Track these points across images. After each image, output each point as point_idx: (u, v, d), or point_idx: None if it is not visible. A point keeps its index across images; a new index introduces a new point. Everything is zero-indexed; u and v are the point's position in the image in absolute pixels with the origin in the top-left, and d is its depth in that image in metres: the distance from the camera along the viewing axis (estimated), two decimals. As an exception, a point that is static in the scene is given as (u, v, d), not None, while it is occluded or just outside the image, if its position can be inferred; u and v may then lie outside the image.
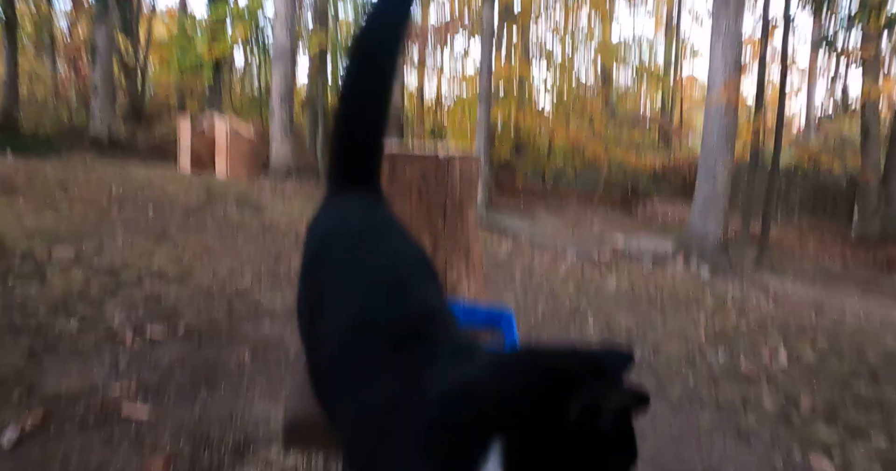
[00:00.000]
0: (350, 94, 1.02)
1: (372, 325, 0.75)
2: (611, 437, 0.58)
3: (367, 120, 1.01)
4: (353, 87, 1.01)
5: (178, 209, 6.33)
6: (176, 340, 2.94)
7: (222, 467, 1.95)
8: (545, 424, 0.56)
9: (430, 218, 1.74)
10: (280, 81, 11.15)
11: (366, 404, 0.69)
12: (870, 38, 9.70)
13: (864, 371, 3.64)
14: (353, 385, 0.73)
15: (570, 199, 14.23)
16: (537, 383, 0.58)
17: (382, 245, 0.89)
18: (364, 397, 0.70)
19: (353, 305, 0.79)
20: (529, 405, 0.57)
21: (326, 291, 0.83)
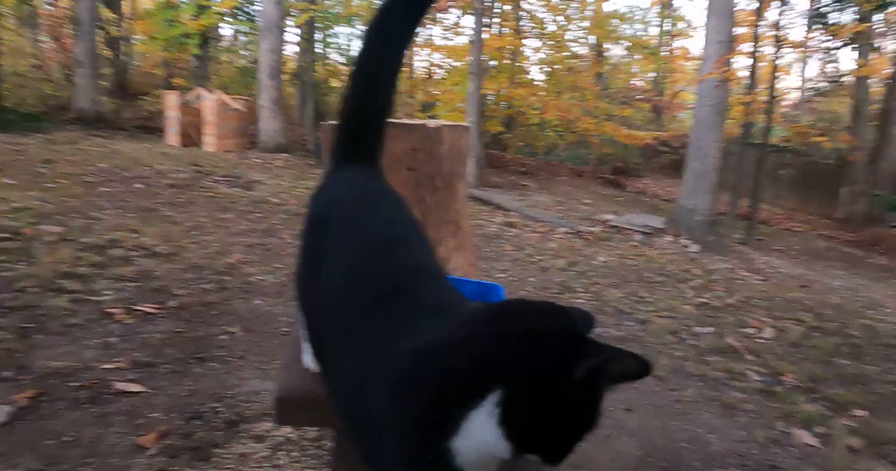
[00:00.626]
0: (360, 77, 1.06)
1: (361, 281, 0.79)
2: (591, 400, 0.61)
3: (375, 102, 1.07)
4: (364, 72, 1.06)
5: (167, 185, 6.27)
6: (167, 316, 2.94)
7: (215, 441, 1.97)
8: (548, 380, 0.58)
9: (419, 192, 1.73)
10: (268, 54, 10.96)
11: (348, 356, 0.73)
12: (863, 16, 9.65)
13: (846, 347, 3.71)
14: (340, 339, 0.76)
15: (561, 174, 14.22)
16: (540, 340, 0.61)
17: (379, 210, 0.94)
18: (347, 350, 0.74)
19: (347, 264, 0.83)
20: (535, 361, 0.59)
21: (326, 253, 0.88)
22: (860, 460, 2.33)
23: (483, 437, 0.59)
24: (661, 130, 17.10)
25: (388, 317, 0.73)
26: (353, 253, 0.84)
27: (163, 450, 1.88)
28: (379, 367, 0.68)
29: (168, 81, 15.40)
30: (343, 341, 0.76)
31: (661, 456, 2.25)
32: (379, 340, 0.70)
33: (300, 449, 2.00)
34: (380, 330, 0.72)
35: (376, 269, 0.81)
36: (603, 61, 16.67)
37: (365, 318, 0.75)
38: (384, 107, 1.08)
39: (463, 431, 0.60)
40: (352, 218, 0.92)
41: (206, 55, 14.49)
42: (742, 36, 7.99)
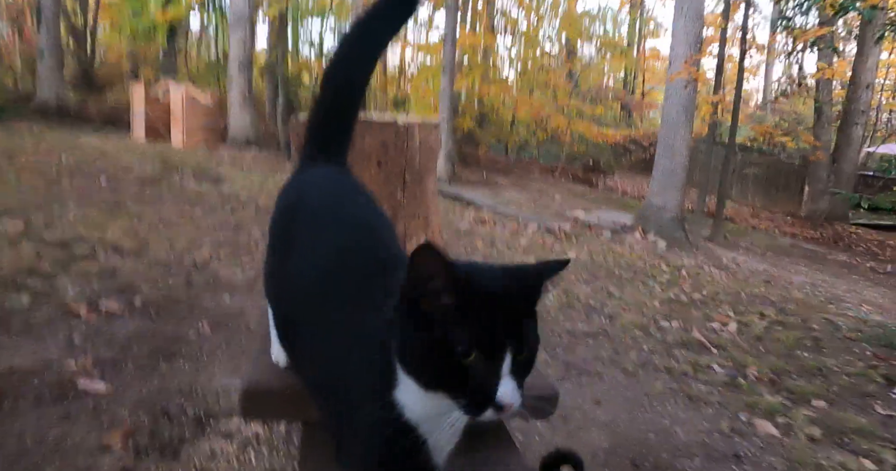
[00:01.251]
0: (332, 82, 1.11)
1: (333, 267, 0.84)
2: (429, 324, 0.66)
3: (345, 105, 1.12)
4: (336, 77, 1.11)
5: (133, 180, 6.14)
6: (133, 313, 2.89)
7: (183, 439, 1.95)
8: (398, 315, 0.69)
9: (390, 187, 1.74)
10: (238, 47, 10.80)
11: (334, 332, 0.79)
12: (825, 21, 9.91)
13: (808, 341, 3.83)
14: (322, 317, 0.81)
15: (533, 171, 14.32)
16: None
17: (347, 202, 0.99)
18: (332, 327, 0.79)
19: (318, 252, 0.88)
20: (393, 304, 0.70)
21: (295, 243, 0.92)
22: (820, 448, 2.40)
23: (408, 382, 0.65)
24: (631, 128, 17.34)
25: (357, 298, 0.78)
26: (323, 242, 0.89)
27: (129, 448, 1.85)
28: (347, 340, 0.75)
29: (135, 74, 15.05)
30: (314, 322, 0.82)
31: (630, 447, 2.29)
32: (348, 318, 0.77)
33: (270, 446, 1.98)
34: (349, 309, 0.78)
35: (346, 255, 0.86)
36: (574, 60, 16.83)
37: (336, 299, 0.80)
38: (353, 110, 1.13)
39: (400, 382, 0.67)
40: (321, 210, 0.95)
41: (174, 47, 14.21)
42: (710, 37, 8.15)
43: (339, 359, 0.76)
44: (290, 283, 0.90)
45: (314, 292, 0.84)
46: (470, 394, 0.61)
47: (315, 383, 0.84)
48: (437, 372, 0.62)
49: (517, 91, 14.03)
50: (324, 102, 1.11)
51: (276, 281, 0.96)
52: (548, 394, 1.08)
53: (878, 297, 6.30)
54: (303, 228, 0.93)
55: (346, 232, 0.90)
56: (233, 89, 10.86)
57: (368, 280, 0.79)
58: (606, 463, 2.16)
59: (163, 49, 13.90)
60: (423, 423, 0.68)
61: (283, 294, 0.93)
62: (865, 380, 3.20)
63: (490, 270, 0.68)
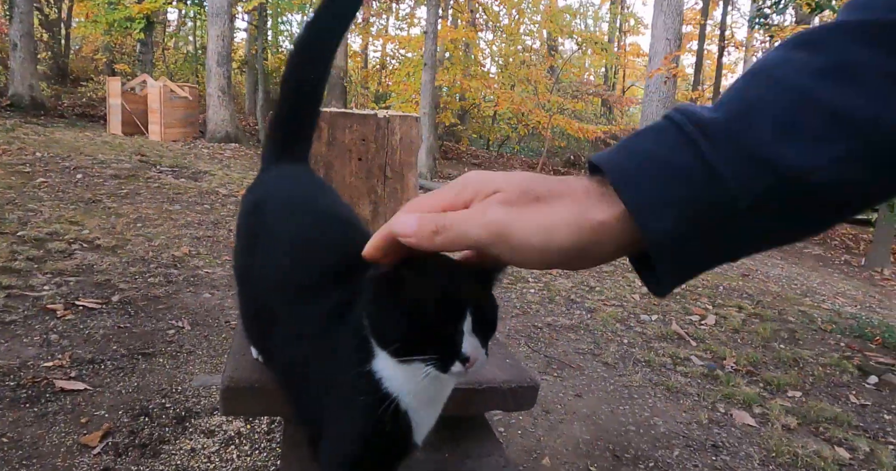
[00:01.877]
0: (289, 82, 1.15)
1: (313, 254, 0.88)
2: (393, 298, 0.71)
3: (304, 104, 1.16)
4: (293, 77, 1.14)
5: (110, 175, 6.04)
6: (111, 311, 2.85)
7: (163, 437, 1.93)
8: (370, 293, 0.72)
9: (370, 182, 1.73)
10: (217, 40, 10.66)
11: (309, 318, 0.82)
12: (802, 18, 10.05)
13: (784, 333, 3.90)
14: (296, 304, 0.84)
15: (514, 166, 14.37)
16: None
17: (313, 197, 1.03)
18: (307, 312, 0.82)
19: (295, 239, 0.91)
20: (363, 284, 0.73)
21: (266, 232, 0.95)
22: (795, 437, 2.46)
23: (384, 354, 0.70)
24: (611, 124, 17.46)
25: (329, 282, 0.82)
26: (293, 234, 0.92)
27: (108, 448, 1.83)
28: (323, 324, 0.79)
29: (110, 67, 14.79)
30: (288, 312, 0.85)
31: (610, 439, 2.32)
32: (322, 302, 0.81)
33: (251, 443, 1.98)
34: (322, 294, 0.81)
35: (316, 244, 0.90)
36: (555, 55, 16.89)
37: (308, 285, 0.84)
38: (312, 109, 1.18)
39: (376, 354, 0.72)
40: (288, 203, 0.99)
41: (150, 40, 13.97)
42: (689, 34, 8.23)
43: (316, 343, 0.80)
44: (261, 277, 0.93)
45: (287, 282, 0.87)
46: (438, 352, 0.67)
47: (291, 373, 0.87)
48: (405, 339, 0.67)
49: (498, 86, 14.04)
50: (284, 104, 1.15)
51: (246, 276, 0.98)
52: (528, 385, 1.09)
53: (852, 289, 6.44)
54: (271, 222, 0.96)
55: (314, 222, 0.94)
56: (211, 83, 10.71)
57: (339, 265, 0.83)
58: (588, 454, 2.19)
59: (139, 42, 13.65)
60: (401, 393, 0.74)
61: (254, 290, 0.95)
62: (839, 370, 3.27)
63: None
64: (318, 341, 0.80)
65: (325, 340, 0.79)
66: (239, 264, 1.02)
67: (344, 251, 0.85)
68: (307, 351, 0.81)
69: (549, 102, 13.12)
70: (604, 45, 17.86)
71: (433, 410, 0.80)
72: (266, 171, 1.16)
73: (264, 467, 1.85)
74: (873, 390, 3.09)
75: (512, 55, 15.05)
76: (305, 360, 0.82)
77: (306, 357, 0.82)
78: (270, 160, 1.16)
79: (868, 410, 2.83)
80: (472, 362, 0.66)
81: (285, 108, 1.15)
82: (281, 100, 1.16)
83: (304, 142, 1.19)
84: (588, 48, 16.58)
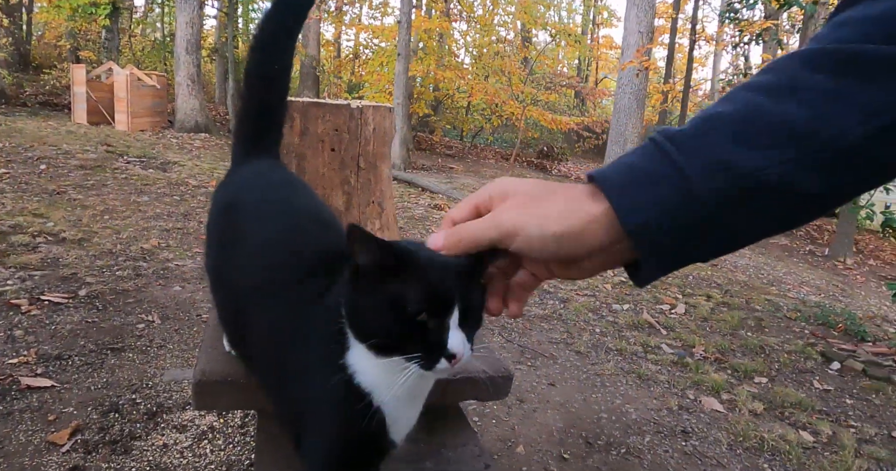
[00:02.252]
0: (253, 75, 1.13)
1: (287, 249, 0.87)
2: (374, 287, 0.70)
3: (270, 103, 1.14)
4: (256, 70, 1.13)
5: (75, 166, 5.88)
6: (78, 305, 2.78)
7: (134, 433, 1.90)
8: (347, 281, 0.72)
9: (343, 173, 1.72)
10: (186, 27, 10.41)
11: (282, 325, 0.81)
12: (770, 14, 10.22)
13: (751, 321, 4.00)
14: (273, 299, 0.83)
15: (488, 157, 14.39)
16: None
17: (291, 189, 1.02)
18: (280, 322, 0.81)
19: (270, 236, 0.90)
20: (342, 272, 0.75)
21: (240, 228, 0.93)
22: (761, 422, 2.53)
23: (360, 347, 0.68)
24: (584, 115, 17.58)
25: (305, 277, 0.81)
26: (267, 229, 0.91)
27: (77, 446, 1.79)
28: (298, 317, 0.78)
29: (75, 54, 14.35)
30: (265, 307, 0.83)
31: (583, 426, 2.36)
32: (298, 296, 0.80)
33: (225, 437, 1.96)
34: (298, 289, 0.80)
35: (290, 240, 0.88)
36: (529, 47, 16.92)
37: (284, 281, 0.83)
38: (279, 102, 1.16)
39: (351, 346, 0.70)
40: (261, 199, 0.97)
41: (116, 27, 13.58)
42: (661, 27, 8.31)
43: (291, 337, 0.78)
44: (236, 274, 0.91)
45: (263, 283, 0.85)
46: (422, 348, 0.64)
47: (268, 368, 0.85)
48: (388, 333, 0.65)
49: (472, 77, 14.01)
50: (249, 98, 1.13)
51: (221, 276, 0.97)
52: (502, 375, 1.10)
53: (816, 279, 6.63)
54: (244, 224, 0.94)
55: (287, 222, 0.92)
56: (180, 72, 10.48)
57: (313, 263, 0.82)
58: (561, 442, 2.22)
59: (105, 28, 13.26)
60: (376, 389, 0.71)
61: (230, 287, 0.93)
62: (804, 357, 3.37)
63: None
64: (293, 335, 0.78)
65: (299, 333, 0.77)
66: (212, 267, 0.99)
67: (318, 249, 0.85)
68: (283, 348, 0.79)
69: (523, 94, 13.15)
70: (577, 38, 17.94)
71: (412, 406, 0.77)
72: (237, 168, 1.13)
73: (238, 462, 1.84)
74: (836, 375, 3.19)
75: (486, 46, 15.02)
76: (281, 357, 0.80)
77: (282, 354, 0.80)
78: (240, 156, 1.14)
79: (831, 395, 2.93)
80: (457, 359, 0.64)
81: (251, 102, 1.14)
82: (245, 94, 1.14)
83: (273, 135, 1.17)
84: (562, 40, 16.64)
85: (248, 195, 0.99)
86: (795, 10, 9.05)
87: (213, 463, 1.82)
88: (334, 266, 0.77)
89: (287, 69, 1.15)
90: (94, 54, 14.02)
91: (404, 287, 0.64)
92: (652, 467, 2.13)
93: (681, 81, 8.72)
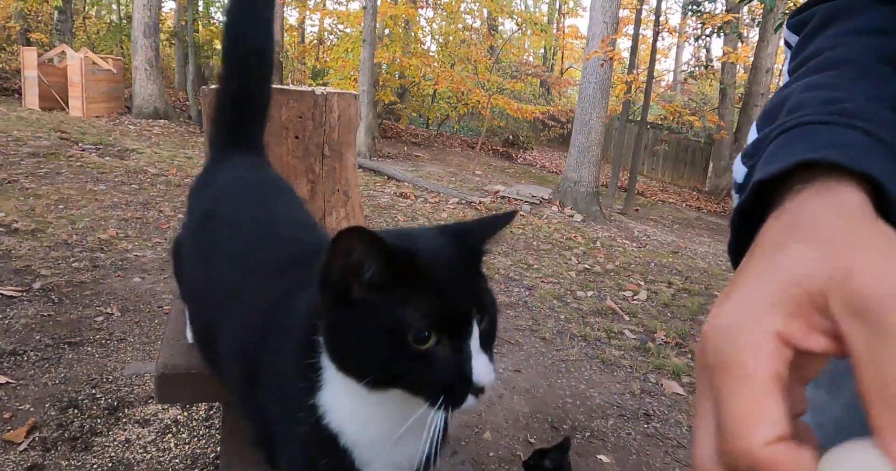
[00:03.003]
0: (230, 57, 1.03)
1: (264, 263, 0.80)
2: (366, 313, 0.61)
3: (251, 89, 1.04)
4: (233, 51, 1.03)
5: (27, 154, 5.66)
6: (32, 299, 2.69)
7: (95, 429, 1.86)
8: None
9: (308, 161, 1.70)
10: (143, 9, 10.07)
11: (254, 332, 0.73)
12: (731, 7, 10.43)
13: (710, 306, 4.11)
14: (244, 316, 0.75)
15: (453, 145, 14.38)
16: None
17: (272, 195, 0.95)
18: (253, 327, 0.73)
19: (246, 248, 0.84)
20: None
21: (218, 245, 0.88)
22: (717, 405, 2.61)
23: (337, 378, 0.56)
24: (549, 104, 17.69)
25: (280, 295, 0.74)
26: (244, 241, 0.85)
27: (35, 444, 1.75)
28: (268, 341, 0.69)
29: (25, 36, 13.74)
30: (236, 323, 0.77)
31: (548, 411, 2.40)
32: (271, 316, 0.72)
33: (189, 430, 1.93)
34: (272, 307, 0.73)
35: (267, 253, 0.82)
36: (495, 35, 16.90)
37: (258, 297, 0.76)
38: (261, 90, 1.06)
39: (325, 383, 0.58)
40: (240, 208, 0.91)
41: (69, 8, 13.05)
42: (626, 18, 8.39)
43: (260, 362, 0.70)
44: (210, 287, 0.85)
45: (237, 293, 0.79)
46: (439, 384, 0.51)
47: (237, 390, 0.78)
48: (386, 366, 0.52)
49: (438, 65, 13.94)
50: (227, 81, 1.04)
51: (199, 292, 0.90)
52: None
53: (771, 264, 6.83)
54: (223, 230, 0.88)
55: (266, 229, 0.86)
56: (137, 56, 10.14)
57: (291, 275, 0.74)
58: (527, 427, 2.25)
59: (57, 9, 12.73)
60: (351, 429, 0.59)
61: (207, 304, 0.87)
62: (759, 341, 3.49)
63: (425, 234, 0.59)
64: (262, 360, 0.69)
65: (267, 360, 0.68)
66: (188, 275, 0.94)
67: (295, 257, 0.78)
68: (251, 371, 0.71)
69: (489, 82, 13.15)
70: (543, 27, 17.99)
71: (401, 446, 0.62)
72: (215, 165, 1.04)
73: (203, 455, 1.82)
74: (789, 358, 3.31)
75: (452, 34, 14.95)
76: (250, 382, 0.71)
77: (250, 379, 0.71)
78: (219, 150, 1.04)
79: (784, 377, 3.04)
80: (487, 391, 0.52)
81: (229, 86, 1.03)
82: (223, 75, 1.04)
83: (256, 125, 1.07)
84: (528, 29, 16.66)
85: (227, 205, 0.92)
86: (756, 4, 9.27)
87: (177, 457, 1.79)
88: (303, 266, 0.68)
89: (269, 46, 1.04)
90: (45, 37, 13.46)
91: (404, 306, 0.51)
92: (615, 449, 2.19)
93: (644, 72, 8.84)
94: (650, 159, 14.56)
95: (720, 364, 0.28)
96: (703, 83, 18.42)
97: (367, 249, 0.50)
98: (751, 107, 12.43)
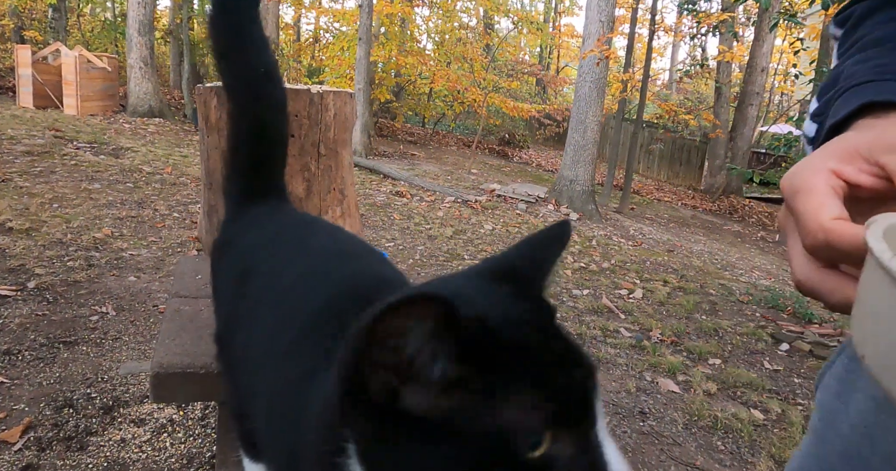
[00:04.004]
0: (233, 88, 0.91)
1: (296, 314, 0.67)
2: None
3: (262, 115, 0.90)
4: (235, 79, 0.91)
5: (21, 152, 5.63)
6: (26, 298, 2.68)
7: (90, 429, 1.85)
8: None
9: (303, 159, 1.69)
10: (138, 7, 10.03)
11: (271, 402, 0.62)
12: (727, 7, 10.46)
13: (705, 304, 4.12)
14: (281, 405, 0.60)
15: (449, 144, 14.38)
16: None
17: (309, 241, 0.82)
18: (269, 400, 0.62)
19: (287, 301, 0.70)
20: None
21: (256, 304, 0.74)
22: (715, 402, 2.62)
23: None
24: (545, 103, 17.71)
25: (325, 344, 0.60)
26: (284, 295, 0.71)
27: (30, 443, 1.74)
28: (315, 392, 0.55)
29: (19, 34, 13.67)
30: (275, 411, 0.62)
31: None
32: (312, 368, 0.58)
33: (185, 429, 1.93)
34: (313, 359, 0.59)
35: (330, 305, 0.65)
36: (491, 34, 16.90)
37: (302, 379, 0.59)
38: (277, 121, 0.91)
39: None
40: (278, 268, 0.76)
41: (64, 5, 12.98)
42: (622, 17, 8.39)
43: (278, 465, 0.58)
44: (259, 353, 0.70)
45: (264, 361, 0.66)
46: None
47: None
48: None
49: (434, 63, 13.93)
50: (238, 117, 0.90)
51: (239, 363, 0.76)
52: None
53: (767, 264, 6.87)
54: (260, 292, 0.74)
55: (316, 289, 0.69)
56: (132, 54, 10.10)
57: (326, 328, 0.60)
58: (523, 427, 2.25)
59: (51, 7, 12.66)
60: None
61: (242, 373, 0.74)
62: (755, 339, 3.50)
63: (470, 284, 0.44)
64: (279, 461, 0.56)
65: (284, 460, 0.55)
66: (226, 343, 0.79)
67: (338, 308, 0.62)
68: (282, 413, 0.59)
69: (485, 81, 13.15)
70: (539, 25, 18.00)
71: None
72: (237, 217, 0.89)
73: (200, 454, 1.81)
74: (785, 356, 3.32)
75: (448, 32, 14.94)
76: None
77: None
78: (239, 199, 0.90)
79: (780, 374, 3.05)
80: None
81: (240, 122, 0.89)
82: (232, 112, 0.89)
83: (277, 164, 0.93)
84: (524, 27, 16.67)
85: (265, 259, 0.78)
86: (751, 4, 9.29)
87: (173, 457, 1.79)
88: (344, 312, 0.55)
89: (273, 66, 0.90)
90: (39, 34, 13.38)
91: (501, 400, 0.36)
92: (611, 448, 2.19)
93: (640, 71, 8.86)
94: (646, 158, 14.59)
95: (794, 191, 0.38)
96: (698, 82, 18.47)
97: (434, 330, 0.35)
98: (746, 105, 12.46)
